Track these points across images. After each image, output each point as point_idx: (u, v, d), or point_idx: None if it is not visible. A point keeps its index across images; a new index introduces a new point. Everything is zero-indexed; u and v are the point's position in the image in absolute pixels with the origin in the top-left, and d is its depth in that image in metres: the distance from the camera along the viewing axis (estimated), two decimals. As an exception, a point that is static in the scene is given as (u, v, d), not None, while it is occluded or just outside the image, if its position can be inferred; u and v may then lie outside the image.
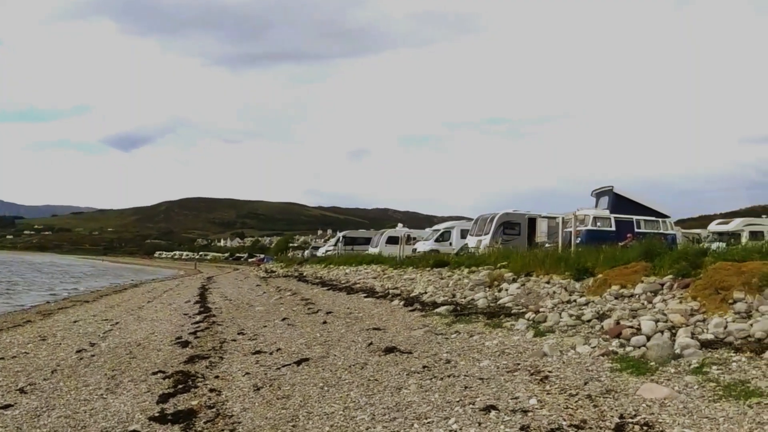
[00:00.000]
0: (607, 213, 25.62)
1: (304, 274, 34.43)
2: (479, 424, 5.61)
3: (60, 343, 13.36)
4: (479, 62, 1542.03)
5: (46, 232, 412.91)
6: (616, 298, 10.78)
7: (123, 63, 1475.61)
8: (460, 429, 5.56)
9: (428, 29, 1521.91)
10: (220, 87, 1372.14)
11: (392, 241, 40.14)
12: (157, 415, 6.73)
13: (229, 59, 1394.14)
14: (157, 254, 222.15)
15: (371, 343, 9.96)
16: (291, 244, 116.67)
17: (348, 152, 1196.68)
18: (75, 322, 18.14)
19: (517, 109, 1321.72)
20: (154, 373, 8.95)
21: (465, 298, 14.72)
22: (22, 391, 8.50)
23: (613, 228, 24.54)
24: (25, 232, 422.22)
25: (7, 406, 7.61)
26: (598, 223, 24.95)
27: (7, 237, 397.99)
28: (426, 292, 16.82)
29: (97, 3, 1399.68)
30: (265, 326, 13.31)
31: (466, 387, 6.86)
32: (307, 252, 69.97)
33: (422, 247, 35.58)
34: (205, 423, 6.31)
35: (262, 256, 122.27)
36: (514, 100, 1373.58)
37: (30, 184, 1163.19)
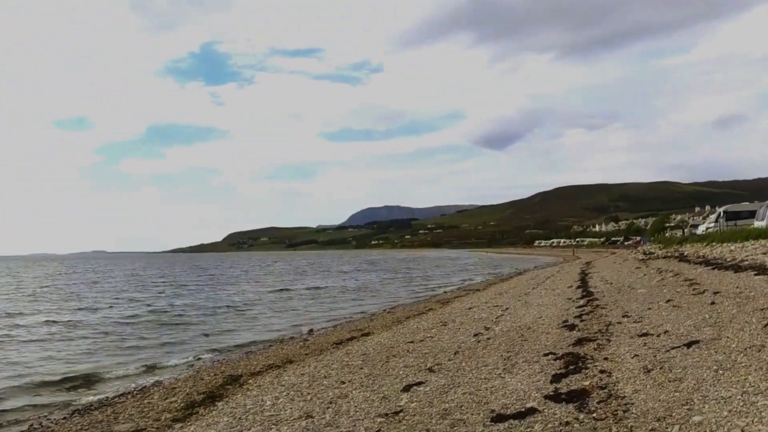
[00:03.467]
0: None
1: (685, 253, 32.08)
2: None
3: (459, 328, 14.27)
4: None
5: (437, 230, 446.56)
6: None
7: (480, 68, 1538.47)
8: None
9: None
10: (574, 75, 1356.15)
11: (782, 212, 35.47)
12: (551, 393, 6.78)
13: (576, 47, 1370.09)
14: (536, 243, 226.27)
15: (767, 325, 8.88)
16: (667, 224, 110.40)
17: (712, 121, 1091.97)
18: (469, 308, 19.25)
19: None
20: (545, 355, 9.06)
21: None
22: (430, 370, 9.25)
23: None
24: (420, 231, 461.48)
25: (419, 383, 8.34)
26: None
27: (406, 237, 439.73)
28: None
29: (454, 16, 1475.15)
30: (649, 308, 12.66)
31: None
32: (685, 231, 65.52)
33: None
34: (597, 403, 6.18)
35: (638, 238, 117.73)
36: None
37: (421, 188, 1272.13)
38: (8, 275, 77.09)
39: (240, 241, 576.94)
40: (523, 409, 6.32)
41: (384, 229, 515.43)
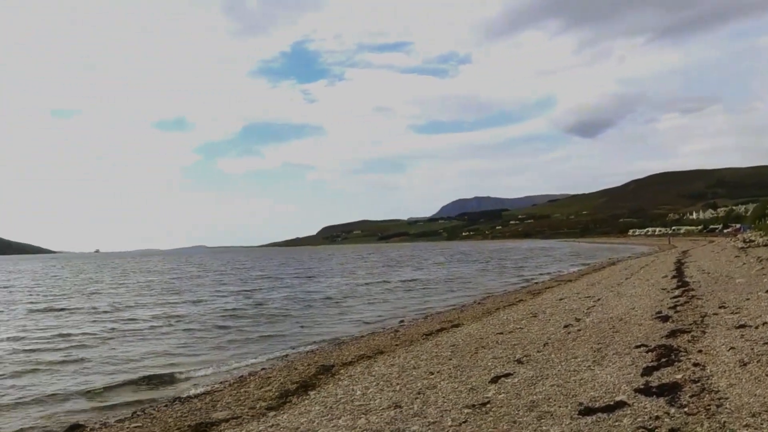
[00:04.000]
0: None
1: (791, 241, 30.45)
2: None
3: (549, 319, 14.07)
4: None
5: (528, 221, 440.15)
6: None
7: (569, 55, 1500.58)
8: None
9: None
10: (668, 58, 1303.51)
11: None
12: (641, 387, 6.61)
13: (669, 29, 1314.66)
14: (630, 232, 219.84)
15: None
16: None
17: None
18: (560, 299, 18.94)
19: None
20: (636, 347, 8.83)
21: None
22: (519, 361, 9.18)
23: None
24: (511, 222, 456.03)
25: (507, 375, 8.29)
26: None
27: (497, 228, 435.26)
28: None
29: (541, 2, 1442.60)
30: (748, 299, 12.11)
31: None
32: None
33: None
34: (690, 397, 5.99)
35: (737, 225, 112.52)
36: None
37: (511, 178, 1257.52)
38: (115, 270, 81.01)
39: (333, 235, 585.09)
40: (611, 403, 6.20)
41: (474, 220, 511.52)
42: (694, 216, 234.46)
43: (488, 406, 6.89)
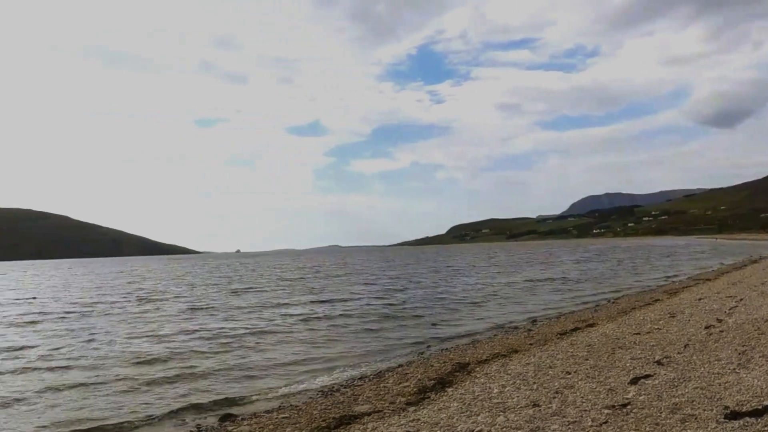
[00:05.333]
0: None
1: None
2: None
3: (688, 320, 13.52)
4: None
5: (662, 217, 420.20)
6: None
7: (702, 42, 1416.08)
8: None
9: None
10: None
11: None
12: (793, 391, 6.32)
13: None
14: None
15: None
16: None
17: None
18: (699, 299, 18.10)
19: None
20: (786, 350, 8.38)
21: None
22: (658, 363, 8.93)
23: None
24: (644, 218, 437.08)
25: (647, 376, 8.10)
26: None
27: (628, 225, 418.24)
28: None
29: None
30: None
31: None
32: None
33: None
34: None
35: None
36: None
37: (643, 173, 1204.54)
38: (252, 269, 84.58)
39: (462, 233, 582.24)
40: (760, 407, 5.97)
41: (605, 218, 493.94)
42: None
43: (629, 407, 6.78)
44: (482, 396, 8.61)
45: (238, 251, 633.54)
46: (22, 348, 17.40)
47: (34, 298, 38.75)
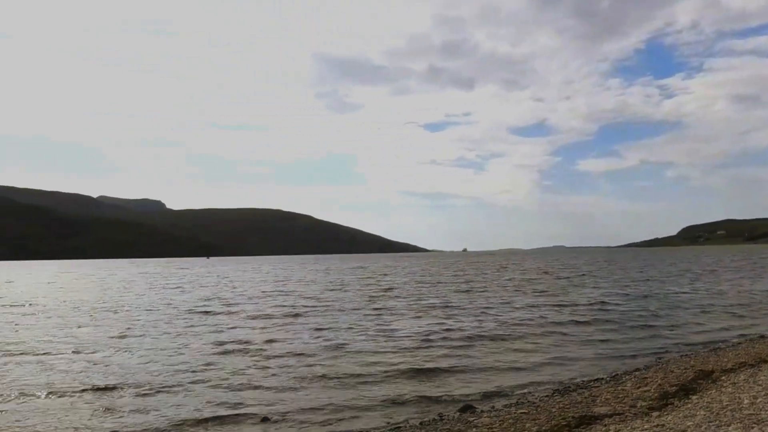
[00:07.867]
0: None
1: None
2: None
3: None
4: None
5: None
6: None
7: None
8: None
9: None
10: None
11: None
12: None
13: None
14: None
15: None
16: None
17: None
18: None
19: None
20: None
21: None
22: None
23: None
24: None
25: None
26: None
27: None
28: None
29: None
30: None
31: None
32: None
33: None
34: None
35: None
36: None
37: None
38: (476, 269, 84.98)
39: (695, 235, 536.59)
40: None
41: None
42: None
43: None
44: (731, 406, 8.05)
45: (464, 250, 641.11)
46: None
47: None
